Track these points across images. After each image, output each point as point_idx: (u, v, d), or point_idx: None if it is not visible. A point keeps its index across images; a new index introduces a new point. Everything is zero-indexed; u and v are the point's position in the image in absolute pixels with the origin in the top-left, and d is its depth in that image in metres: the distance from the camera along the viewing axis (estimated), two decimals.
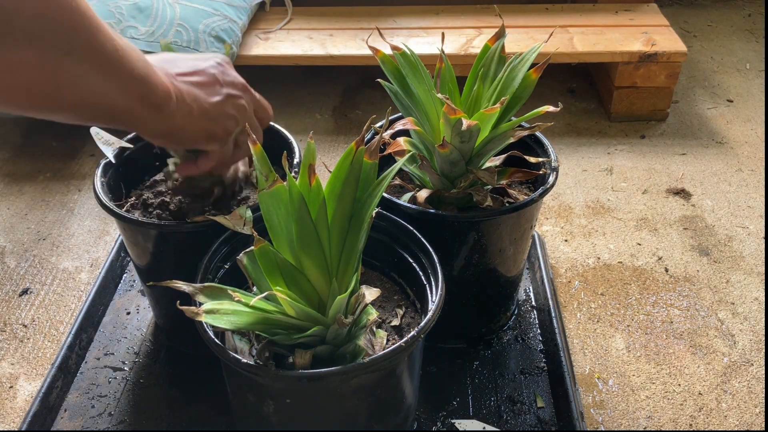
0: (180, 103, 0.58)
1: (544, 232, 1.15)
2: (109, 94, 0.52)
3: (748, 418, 0.84)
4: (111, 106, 0.53)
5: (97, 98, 0.51)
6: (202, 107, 0.61)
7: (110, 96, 0.52)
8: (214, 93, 0.61)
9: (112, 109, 0.53)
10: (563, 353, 0.84)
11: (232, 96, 0.63)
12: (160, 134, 0.59)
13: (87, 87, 0.50)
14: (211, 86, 0.62)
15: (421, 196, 0.75)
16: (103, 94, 0.51)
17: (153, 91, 0.56)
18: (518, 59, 0.72)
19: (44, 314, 1.01)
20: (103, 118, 0.54)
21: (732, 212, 1.19)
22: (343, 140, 1.43)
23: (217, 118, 0.62)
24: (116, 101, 0.53)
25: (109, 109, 0.53)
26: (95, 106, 0.52)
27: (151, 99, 0.55)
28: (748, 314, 0.99)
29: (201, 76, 0.61)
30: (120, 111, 0.54)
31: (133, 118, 0.56)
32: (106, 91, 0.51)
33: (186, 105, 0.59)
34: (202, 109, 0.61)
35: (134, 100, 0.54)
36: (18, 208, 1.23)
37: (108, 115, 0.54)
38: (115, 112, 0.54)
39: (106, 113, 0.53)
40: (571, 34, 1.47)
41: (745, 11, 1.96)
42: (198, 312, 0.54)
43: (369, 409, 0.62)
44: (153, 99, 0.56)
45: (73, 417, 0.81)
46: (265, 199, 0.55)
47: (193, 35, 1.34)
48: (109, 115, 0.54)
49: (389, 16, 1.58)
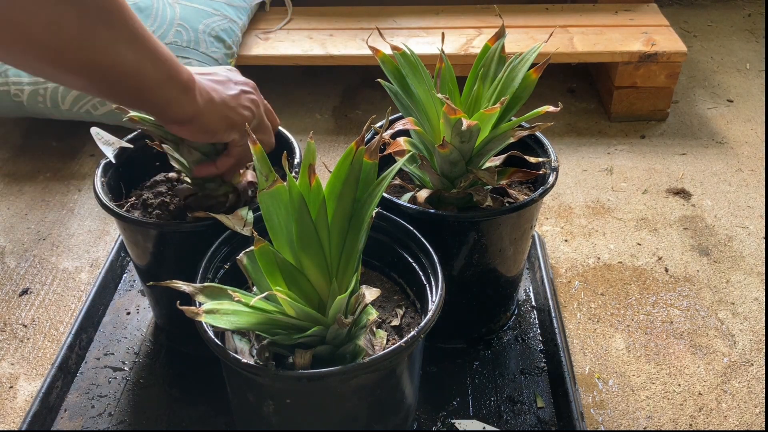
0: (202, 92, 0.61)
1: (544, 232, 1.15)
2: (139, 66, 0.54)
3: (748, 418, 0.84)
4: (140, 78, 0.55)
5: (127, 67, 0.53)
6: (221, 97, 0.64)
7: (140, 68, 0.54)
8: (229, 88, 0.65)
9: (142, 81, 0.55)
10: (563, 353, 0.84)
11: (246, 91, 0.67)
12: (186, 118, 0.61)
13: (119, 54, 0.52)
14: (226, 83, 0.65)
15: (421, 196, 0.75)
16: (133, 65, 0.53)
17: (180, 72, 0.58)
18: (518, 59, 0.72)
19: (44, 314, 1.01)
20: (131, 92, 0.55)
21: (732, 212, 1.19)
22: (343, 140, 1.43)
23: (236, 107, 0.65)
24: (146, 73, 0.55)
25: (138, 80, 0.55)
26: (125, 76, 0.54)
27: (178, 79, 0.58)
28: (748, 314, 0.99)
29: (215, 76, 0.65)
30: (149, 85, 0.56)
31: (160, 96, 0.57)
32: (137, 63, 0.53)
33: (207, 94, 0.62)
34: (222, 99, 0.64)
35: (163, 77, 0.56)
36: (18, 208, 1.23)
37: (136, 89, 0.55)
38: (144, 85, 0.55)
39: (135, 85, 0.55)
40: (571, 34, 1.47)
41: (745, 11, 1.96)
42: (198, 312, 0.54)
43: (369, 409, 0.62)
44: (180, 80, 0.58)
45: (73, 417, 0.81)
46: (265, 199, 0.55)
47: (193, 35, 1.34)
48: (137, 88, 0.55)
49: (389, 16, 1.58)
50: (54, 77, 0.52)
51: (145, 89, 0.56)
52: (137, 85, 0.55)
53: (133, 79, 0.54)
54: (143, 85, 0.55)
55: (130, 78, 0.54)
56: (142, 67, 0.54)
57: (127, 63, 0.53)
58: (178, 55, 1.31)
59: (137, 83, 0.55)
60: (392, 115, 0.76)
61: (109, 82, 0.54)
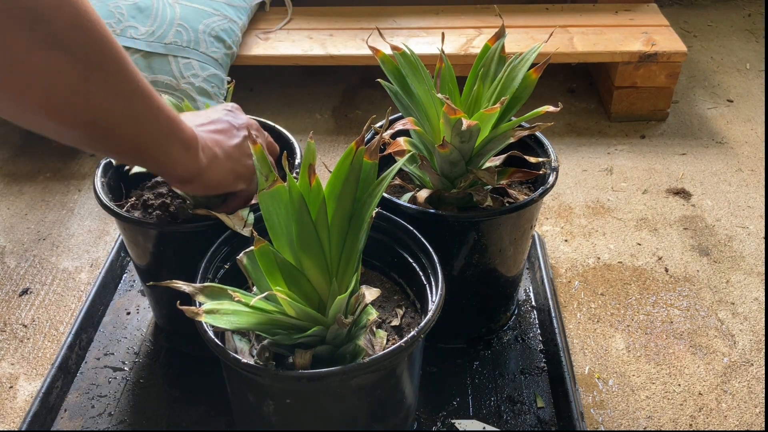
0: (205, 149, 0.59)
1: (544, 232, 1.15)
2: (138, 120, 0.50)
3: (748, 418, 0.84)
4: (139, 133, 0.51)
5: (125, 121, 0.50)
6: (225, 151, 0.62)
7: (139, 122, 0.50)
8: (232, 137, 0.63)
9: (141, 136, 0.51)
10: (563, 353, 0.84)
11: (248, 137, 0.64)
12: (190, 176, 0.59)
13: (117, 107, 0.48)
14: (228, 131, 0.63)
15: (421, 196, 0.75)
16: (132, 118, 0.50)
17: (182, 129, 0.55)
18: (518, 59, 0.72)
19: (44, 314, 1.01)
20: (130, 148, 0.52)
21: (732, 212, 1.19)
22: (343, 140, 1.43)
23: (240, 158, 0.64)
24: (146, 129, 0.51)
25: (137, 136, 0.51)
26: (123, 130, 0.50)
27: (180, 136, 0.55)
28: (748, 314, 0.99)
29: (217, 125, 0.63)
30: (149, 141, 0.52)
31: (161, 153, 0.54)
32: (135, 116, 0.50)
33: (211, 150, 0.60)
34: (226, 153, 0.62)
35: (163, 133, 0.53)
36: (18, 208, 1.23)
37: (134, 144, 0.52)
38: (143, 140, 0.52)
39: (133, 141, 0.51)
40: (571, 34, 1.47)
41: (745, 11, 1.96)
42: (198, 312, 0.54)
43: (369, 409, 0.62)
44: (182, 137, 0.55)
45: (73, 417, 0.81)
46: (265, 199, 0.55)
47: (193, 35, 1.34)
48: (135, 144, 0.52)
49: (389, 16, 1.58)
50: (48, 129, 0.48)
51: (145, 145, 0.53)
52: (136, 140, 0.52)
53: (131, 133, 0.51)
54: (142, 140, 0.52)
55: (128, 133, 0.51)
56: (142, 122, 0.51)
57: (126, 116, 0.49)
58: (178, 55, 1.31)
59: (136, 139, 0.51)
60: (392, 115, 0.76)
61: (106, 136, 0.50)
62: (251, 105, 1.56)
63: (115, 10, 1.32)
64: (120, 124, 0.50)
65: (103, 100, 0.48)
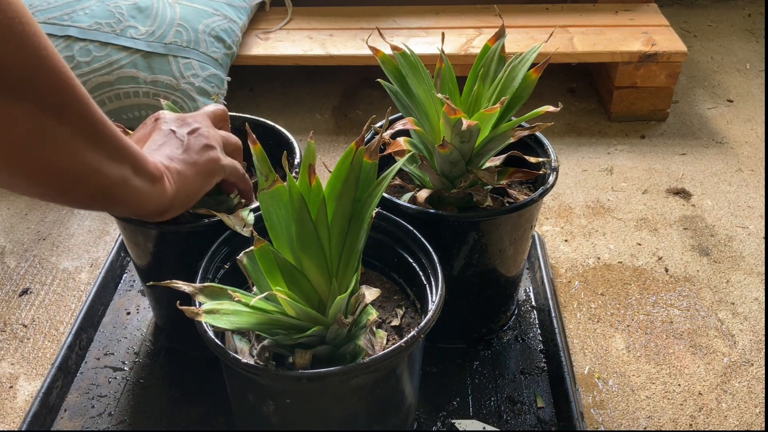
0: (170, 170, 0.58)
1: (544, 232, 1.15)
2: (101, 162, 0.49)
3: (748, 418, 0.84)
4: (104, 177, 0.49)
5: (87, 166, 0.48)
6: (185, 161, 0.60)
7: (102, 164, 0.49)
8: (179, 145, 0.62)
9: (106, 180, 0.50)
10: (563, 353, 0.84)
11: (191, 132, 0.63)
12: (164, 207, 0.58)
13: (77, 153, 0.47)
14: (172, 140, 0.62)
15: (421, 196, 0.75)
16: (94, 162, 0.48)
17: (146, 162, 0.54)
18: (518, 59, 0.72)
19: (44, 314, 1.01)
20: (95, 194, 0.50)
21: (732, 212, 1.19)
22: (343, 140, 1.43)
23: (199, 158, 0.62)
24: (110, 171, 0.50)
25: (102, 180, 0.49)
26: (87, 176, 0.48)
27: (146, 170, 0.54)
28: (748, 314, 0.99)
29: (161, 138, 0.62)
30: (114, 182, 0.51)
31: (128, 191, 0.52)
32: (98, 160, 0.48)
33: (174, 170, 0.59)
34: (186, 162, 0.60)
35: (128, 171, 0.51)
36: (18, 208, 1.23)
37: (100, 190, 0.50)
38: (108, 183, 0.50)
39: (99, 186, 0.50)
40: (571, 34, 1.47)
41: (745, 11, 1.96)
42: (198, 312, 0.54)
43: (369, 409, 0.62)
44: (147, 170, 0.54)
45: (73, 417, 0.81)
46: (265, 199, 0.55)
47: (193, 35, 1.34)
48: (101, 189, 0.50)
49: (389, 16, 1.58)
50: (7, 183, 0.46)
51: (111, 188, 0.51)
52: (101, 185, 0.50)
53: (95, 179, 0.49)
54: (108, 183, 0.50)
55: (92, 179, 0.48)
56: (105, 163, 0.49)
57: (88, 160, 0.47)
58: (178, 55, 1.31)
59: (101, 183, 0.49)
60: (392, 115, 0.76)
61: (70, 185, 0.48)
62: (251, 105, 1.56)
63: (115, 10, 1.32)
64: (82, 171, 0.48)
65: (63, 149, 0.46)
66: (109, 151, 0.49)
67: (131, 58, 1.28)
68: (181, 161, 0.60)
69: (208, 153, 0.63)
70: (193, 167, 0.61)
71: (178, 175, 0.59)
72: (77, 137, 0.46)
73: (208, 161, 0.63)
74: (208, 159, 0.63)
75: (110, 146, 0.49)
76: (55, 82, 0.44)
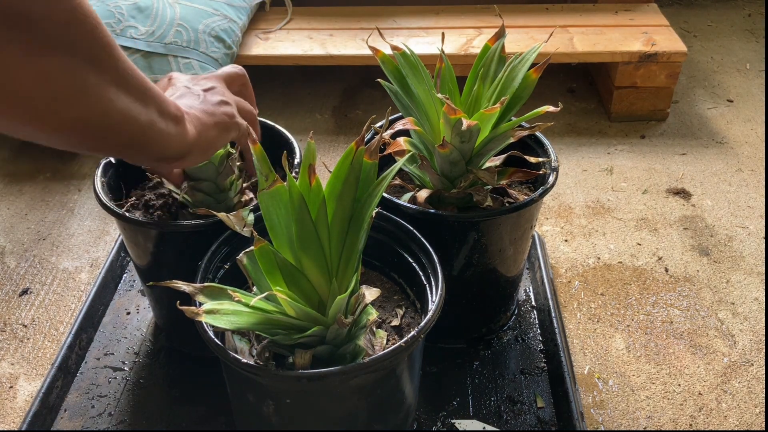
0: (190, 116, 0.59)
1: (544, 232, 1.15)
2: (132, 108, 0.49)
3: (748, 418, 0.84)
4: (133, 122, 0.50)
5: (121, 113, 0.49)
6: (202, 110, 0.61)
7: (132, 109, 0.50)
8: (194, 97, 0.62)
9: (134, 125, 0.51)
10: (563, 353, 0.84)
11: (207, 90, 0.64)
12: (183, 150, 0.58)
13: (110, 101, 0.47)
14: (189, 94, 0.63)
15: (421, 196, 0.75)
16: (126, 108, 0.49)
17: (168, 103, 0.55)
18: (518, 59, 0.72)
19: (44, 314, 1.01)
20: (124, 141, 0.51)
21: (732, 212, 1.19)
22: (343, 140, 1.43)
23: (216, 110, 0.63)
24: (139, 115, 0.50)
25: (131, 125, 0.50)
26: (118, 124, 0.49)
27: (168, 111, 0.54)
28: (748, 314, 0.99)
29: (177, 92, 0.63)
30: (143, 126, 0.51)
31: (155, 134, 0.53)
32: (129, 106, 0.49)
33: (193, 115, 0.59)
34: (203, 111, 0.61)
35: (154, 114, 0.52)
36: (18, 208, 1.23)
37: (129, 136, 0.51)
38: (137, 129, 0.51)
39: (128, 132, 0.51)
40: (571, 34, 1.47)
41: (745, 11, 1.96)
42: (198, 312, 0.54)
43: (369, 409, 0.62)
44: (169, 111, 0.55)
45: (73, 417, 0.81)
46: (265, 199, 0.55)
47: (193, 35, 1.34)
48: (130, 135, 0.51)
49: (389, 16, 1.58)
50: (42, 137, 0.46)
51: (139, 133, 0.51)
52: (130, 130, 0.50)
53: (126, 125, 0.50)
54: (136, 128, 0.51)
55: (122, 125, 0.49)
56: (134, 110, 0.50)
57: (119, 108, 0.48)
58: (178, 55, 1.31)
59: (130, 129, 0.50)
60: (392, 115, 0.76)
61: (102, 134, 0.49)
62: None
63: (115, 10, 1.32)
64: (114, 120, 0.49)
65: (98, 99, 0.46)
66: (137, 95, 0.50)
67: (131, 57, 1.27)
68: (199, 110, 0.61)
69: (223, 108, 0.63)
70: (212, 117, 0.62)
71: (197, 120, 0.60)
72: (111, 85, 0.47)
73: (224, 114, 0.63)
74: (224, 112, 0.63)
75: (138, 90, 0.50)
76: (88, 31, 0.44)
